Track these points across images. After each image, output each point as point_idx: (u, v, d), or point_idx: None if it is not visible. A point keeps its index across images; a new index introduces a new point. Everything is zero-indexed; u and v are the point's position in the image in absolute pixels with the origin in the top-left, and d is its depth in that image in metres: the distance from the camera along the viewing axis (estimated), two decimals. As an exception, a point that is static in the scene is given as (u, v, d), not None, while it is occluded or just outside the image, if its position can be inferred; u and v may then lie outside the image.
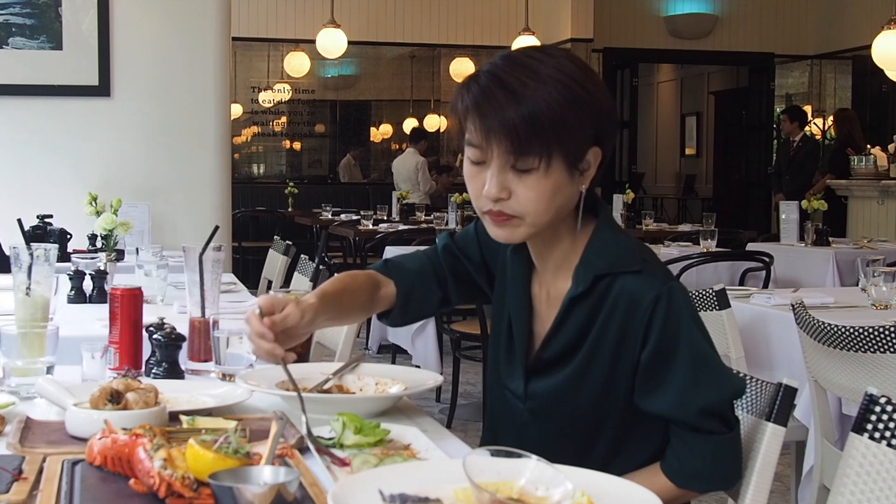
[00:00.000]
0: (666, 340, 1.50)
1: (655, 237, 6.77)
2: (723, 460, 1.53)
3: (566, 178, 1.50)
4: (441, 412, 4.94)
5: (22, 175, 4.71)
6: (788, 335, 3.03)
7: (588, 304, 1.55)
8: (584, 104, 1.48)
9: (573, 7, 10.82)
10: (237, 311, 2.52)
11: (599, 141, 1.53)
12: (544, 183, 1.48)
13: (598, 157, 1.54)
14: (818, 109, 12.32)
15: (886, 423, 1.29)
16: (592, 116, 1.50)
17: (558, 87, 1.46)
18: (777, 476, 1.81)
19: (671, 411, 1.52)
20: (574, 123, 1.47)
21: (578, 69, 1.50)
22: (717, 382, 1.51)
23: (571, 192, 1.53)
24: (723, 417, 1.52)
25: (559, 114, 1.45)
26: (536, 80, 1.47)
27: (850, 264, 5.19)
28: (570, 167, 1.50)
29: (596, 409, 1.58)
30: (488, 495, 1.07)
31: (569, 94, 1.46)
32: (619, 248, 1.56)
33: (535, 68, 1.48)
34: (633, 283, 1.52)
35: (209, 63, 4.89)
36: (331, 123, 11.96)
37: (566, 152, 1.48)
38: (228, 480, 1.12)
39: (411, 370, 1.85)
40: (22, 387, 1.71)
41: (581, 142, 1.50)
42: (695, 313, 1.54)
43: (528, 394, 1.63)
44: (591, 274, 1.54)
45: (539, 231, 1.55)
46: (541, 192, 1.49)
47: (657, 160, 15.38)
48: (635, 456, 1.59)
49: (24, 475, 1.27)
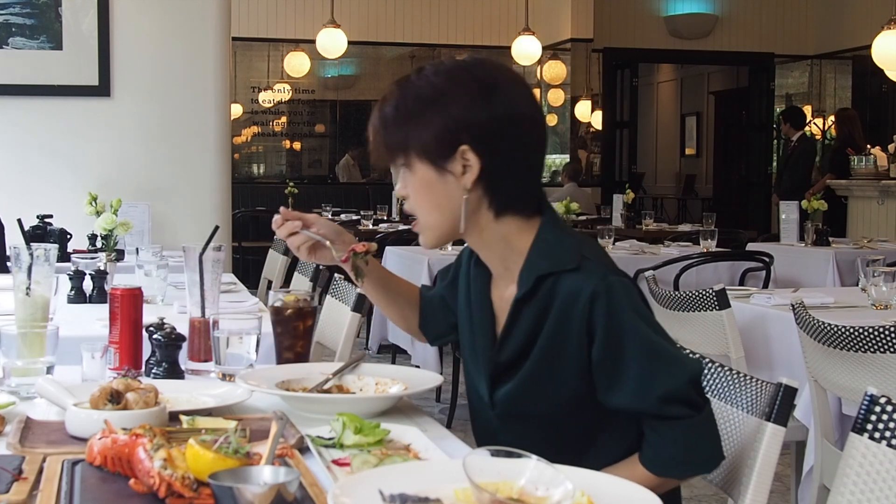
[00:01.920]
0: (612, 335, 1.52)
1: (655, 237, 6.76)
2: (696, 444, 1.54)
3: (434, 175, 1.57)
4: (441, 412, 4.94)
5: (22, 175, 4.71)
6: (788, 335, 3.03)
7: (535, 306, 1.58)
8: (431, 103, 1.56)
9: (573, 7, 10.82)
10: (237, 311, 2.52)
11: (465, 140, 1.55)
12: (413, 180, 1.59)
13: (477, 159, 1.56)
14: (818, 109, 12.32)
15: (886, 423, 1.29)
16: (443, 114, 1.55)
17: (411, 88, 1.58)
18: (777, 476, 1.81)
19: (633, 404, 1.53)
20: (421, 118, 1.55)
21: (443, 74, 1.58)
22: (671, 369, 1.52)
23: (451, 192, 1.58)
24: (686, 401, 1.52)
25: (406, 112, 1.56)
26: (398, 86, 1.59)
27: (850, 264, 5.19)
28: (434, 165, 1.56)
29: (558, 409, 1.60)
30: (488, 495, 1.07)
31: (418, 92, 1.57)
32: (561, 248, 1.58)
33: (406, 78, 1.60)
34: (571, 281, 1.54)
35: (209, 63, 4.89)
36: (331, 123, 11.95)
37: (418, 148, 1.56)
38: (228, 480, 1.12)
39: (411, 370, 1.86)
40: (22, 387, 1.72)
41: (432, 138, 1.55)
42: (639, 304, 1.55)
43: (493, 400, 1.66)
44: (534, 275, 1.57)
45: (442, 233, 1.62)
46: (415, 190, 1.60)
47: (657, 160, 15.38)
48: (610, 451, 1.60)
49: (24, 475, 1.27)
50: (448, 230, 1.61)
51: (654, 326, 1.55)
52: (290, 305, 1.91)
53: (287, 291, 1.97)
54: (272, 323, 1.94)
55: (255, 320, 1.91)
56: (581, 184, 10.27)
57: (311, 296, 1.95)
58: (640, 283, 4.83)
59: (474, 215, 1.60)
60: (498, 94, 1.56)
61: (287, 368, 1.83)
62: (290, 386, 1.72)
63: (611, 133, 11.76)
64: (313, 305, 1.94)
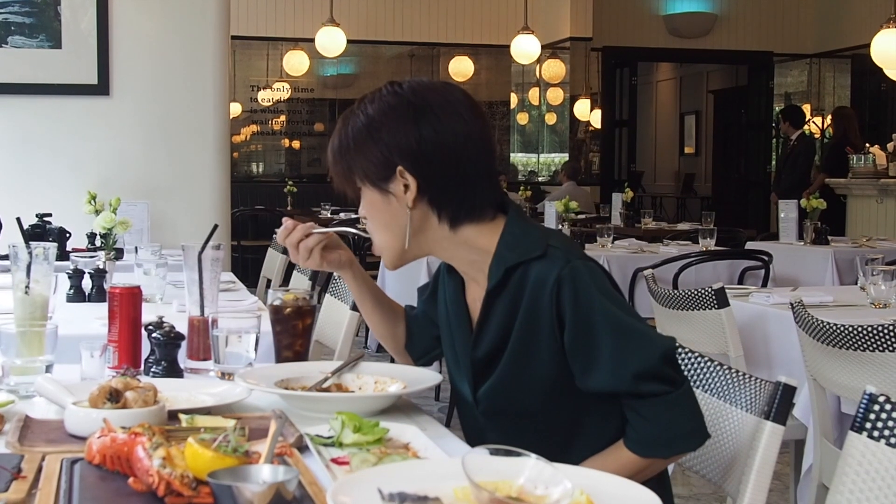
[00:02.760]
0: (580, 318, 1.54)
1: (654, 236, 6.77)
2: (677, 419, 1.55)
3: (379, 197, 1.64)
4: (440, 411, 4.94)
5: (21, 174, 4.70)
6: (787, 334, 3.03)
7: (506, 298, 1.61)
8: (366, 131, 1.63)
9: (572, 6, 10.83)
10: (236, 309, 2.52)
11: (401, 163, 1.61)
12: (364, 203, 1.68)
13: (413, 179, 1.61)
14: (817, 108, 12.32)
15: (885, 421, 1.29)
16: (373, 139, 1.62)
17: (350, 121, 1.66)
18: (776, 475, 1.81)
19: (608, 385, 1.55)
20: (359, 145, 1.63)
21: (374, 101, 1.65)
22: (643, 346, 1.54)
23: (395, 210, 1.64)
24: (661, 377, 1.53)
25: (347, 141, 1.65)
26: (342, 121, 1.69)
27: (849, 263, 5.19)
28: (378, 188, 1.63)
29: (539, 399, 1.61)
30: (487, 494, 1.07)
31: (356, 123, 1.64)
32: (527, 238, 1.62)
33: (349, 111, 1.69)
34: (537, 269, 1.58)
35: (208, 62, 4.88)
36: (330, 122, 11.95)
37: (362, 173, 1.64)
38: (227, 479, 1.12)
39: (410, 369, 1.85)
40: (21, 385, 1.71)
41: (370, 162, 1.62)
42: (604, 286, 1.58)
43: (476, 399, 1.68)
44: (503, 267, 1.60)
45: (396, 252, 1.68)
46: (366, 211, 1.69)
47: (656, 159, 15.38)
48: (598, 438, 1.61)
49: (23, 474, 1.27)
50: (400, 248, 1.67)
51: (622, 306, 1.57)
52: (289, 304, 1.91)
53: (286, 290, 1.97)
54: (271, 322, 1.94)
55: (254, 319, 1.91)
56: (580, 182, 10.28)
57: (310, 294, 1.95)
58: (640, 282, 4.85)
59: (424, 231, 1.65)
60: (426, 116, 1.62)
61: (286, 367, 1.83)
62: (289, 385, 1.72)
63: (610, 132, 11.77)
64: (312, 304, 1.94)
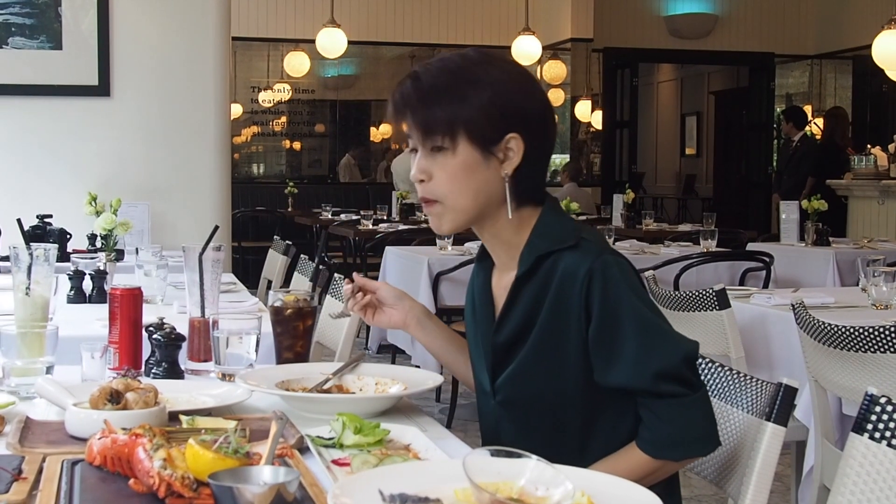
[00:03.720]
0: (608, 312, 1.54)
1: (655, 237, 6.76)
2: (692, 422, 1.54)
3: (479, 159, 1.58)
4: (441, 412, 4.94)
5: (21, 175, 4.70)
6: (788, 335, 3.03)
7: (534, 285, 1.60)
8: (489, 90, 1.56)
9: (573, 7, 10.82)
10: (237, 310, 2.52)
11: (515, 128, 1.58)
12: (453, 162, 1.57)
13: (520, 146, 1.58)
14: (818, 109, 12.31)
15: (886, 423, 1.29)
16: (500, 102, 1.57)
17: (468, 77, 1.57)
18: (777, 476, 1.81)
19: (629, 381, 1.54)
20: (476, 105, 1.56)
21: (496, 65, 1.60)
22: (666, 346, 1.54)
23: (490, 177, 1.59)
24: (681, 379, 1.53)
25: (462, 96, 1.56)
26: (441, 66, 1.59)
27: (851, 264, 5.18)
28: (482, 149, 1.57)
29: (558, 390, 1.60)
30: (488, 495, 1.07)
31: (476, 82, 1.56)
32: (560, 229, 1.62)
33: (445, 58, 1.60)
34: (569, 259, 1.57)
35: (209, 63, 4.89)
36: (331, 123, 11.95)
37: (471, 132, 1.56)
38: (228, 480, 1.12)
39: (411, 370, 1.86)
40: (22, 387, 1.72)
41: (487, 124, 1.56)
42: (635, 283, 1.57)
43: (495, 388, 1.67)
44: (534, 255, 1.60)
45: (467, 218, 1.62)
46: (452, 171, 1.58)
47: (657, 160, 15.38)
48: (612, 437, 1.61)
49: (23, 475, 1.27)
50: (474, 216, 1.63)
51: (649, 305, 1.57)
52: (289, 305, 1.91)
53: (287, 291, 1.97)
54: (272, 323, 1.94)
55: (255, 320, 1.91)
56: (581, 184, 10.27)
57: (310, 296, 1.95)
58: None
59: (499, 204, 1.62)
60: (536, 86, 1.63)
61: (287, 368, 1.83)
62: (289, 386, 1.72)
63: (611, 133, 11.76)
64: (313, 305, 1.94)
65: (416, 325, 1.82)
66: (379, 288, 1.84)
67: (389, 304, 1.82)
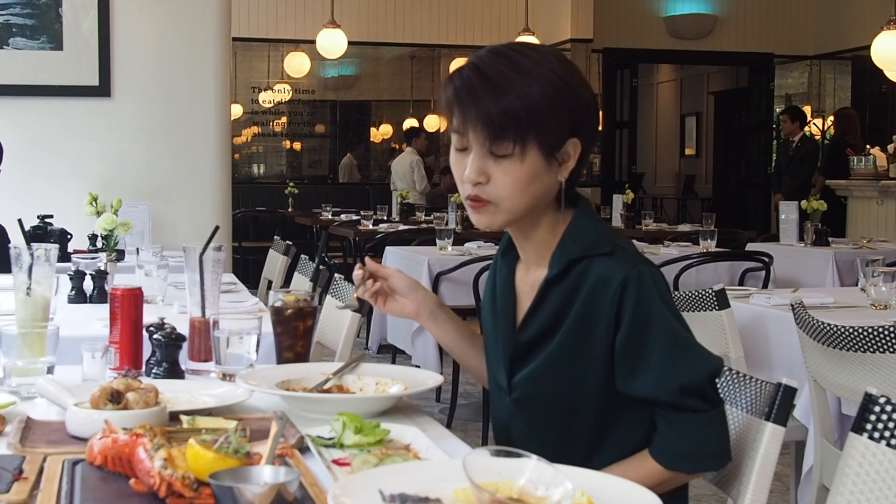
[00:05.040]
0: (638, 322, 1.53)
1: (655, 237, 6.76)
2: (708, 438, 1.54)
3: (543, 165, 1.55)
4: (441, 412, 4.94)
5: (22, 175, 4.70)
6: (788, 335, 3.03)
7: (564, 288, 1.58)
8: (560, 95, 1.53)
9: (573, 7, 10.82)
10: (237, 311, 2.53)
11: (577, 132, 1.57)
12: (520, 169, 1.54)
13: (577, 149, 1.57)
14: (818, 110, 12.32)
15: (886, 422, 1.29)
16: (569, 108, 1.54)
17: (536, 78, 1.52)
18: (777, 476, 1.81)
19: (651, 392, 1.54)
20: (549, 113, 1.52)
21: (559, 62, 1.55)
22: (693, 361, 1.53)
23: (549, 181, 1.57)
24: (703, 395, 1.53)
25: (535, 103, 1.51)
26: (515, 70, 1.52)
27: (850, 264, 5.19)
28: (548, 155, 1.55)
29: (577, 394, 1.59)
30: (488, 495, 1.07)
31: (545, 85, 1.52)
32: (594, 234, 1.60)
33: (516, 60, 1.53)
34: (603, 266, 1.56)
35: (209, 63, 4.89)
36: (331, 124, 11.96)
37: (542, 141, 1.53)
38: (229, 480, 1.12)
39: (411, 370, 1.85)
40: (22, 387, 1.72)
41: (557, 131, 1.54)
42: (666, 295, 1.56)
43: (511, 385, 1.66)
44: (566, 258, 1.58)
45: (517, 219, 1.60)
46: (516, 178, 1.54)
47: (657, 160, 15.38)
48: (624, 443, 1.60)
49: (24, 475, 1.27)
50: (522, 217, 1.60)
51: (679, 319, 1.56)
52: (290, 305, 1.91)
53: (287, 291, 1.97)
54: (272, 323, 1.94)
55: (256, 320, 1.91)
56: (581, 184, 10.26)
57: (311, 296, 1.95)
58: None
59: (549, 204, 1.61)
60: (590, 89, 1.60)
61: (287, 368, 1.83)
62: (290, 386, 1.72)
63: (610, 133, 11.76)
64: (313, 305, 1.94)
65: (428, 317, 1.80)
66: (391, 275, 1.81)
67: (402, 293, 1.80)
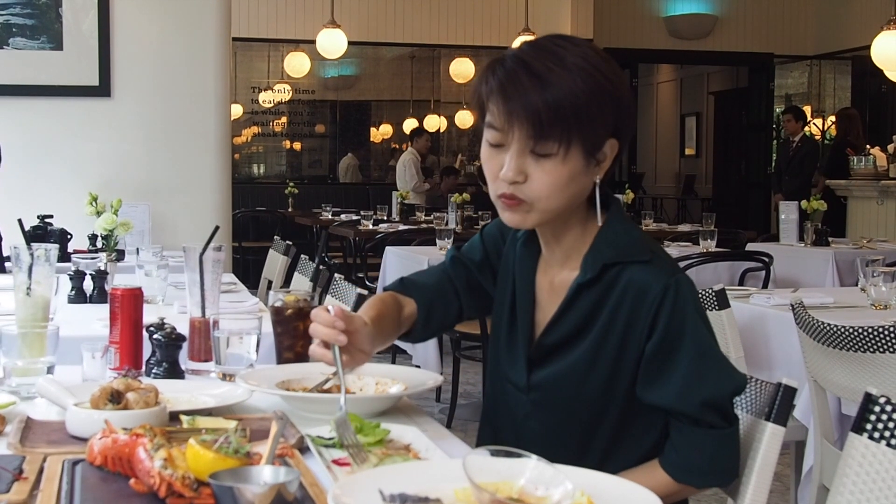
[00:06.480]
0: (672, 332, 1.51)
1: (655, 237, 6.76)
2: (721, 455, 1.54)
3: (583, 166, 1.52)
4: (441, 412, 4.94)
5: (22, 175, 4.70)
6: (788, 335, 3.03)
7: (595, 292, 1.56)
8: (606, 94, 1.50)
9: (573, 7, 10.82)
10: (237, 311, 2.53)
11: (617, 133, 1.55)
12: (561, 169, 1.50)
13: (614, 150, 1.56)
14: (818, 110, 12.33)
15: (886, 422, 1.29)
16: (613, 108, 1.52)
17: (583, 76, 1.48)
18: (777, 476, 1.81)
19: (673, 403, 1.53)
20: (596, 113, 1.49)
21: (602, 60, 1.53)
22: (719, 376, 1.52)
23: (586, 182, 1.55)
24: (723, 412, 1.53)
25: (583, 102, 1.47)
26: (562, 67, 1.49)
27: (850, 264, 5.19)
28: (588, 156, 1.52)
29: (598, 398, 1.58)
30: (488, 495, 1.07)
31: (593, 84, 1.49)
32: (629, 239, 1.58)
33: (561, 55, 1.50)
34: (641, 273, 1.54)
35: (209, 63, 4.89)
36: (331, 124, 11.96)
37: (585, 141, 1.50)
38: (229, 480, 1.12)
39: (411, 370, 1.85)
40: (22, 387, 1.72)
41: (601, 132, 1.52)
42: (700, 307, 1.56)
43: (530, 384, 1.63)
44: (600, 262, 1.56)
45: (550, 218, 1.57)
46: (556, 179, 1.51)
47: (657, 160, 15.38)
48: (634, 449, 1.60)
49: (24, 475, 1.27)
50: (555, 216, 1.57)
51: (711, 332, 1.55)
52: (290, 305, 1.91)
53: (287, 291, 1.97)
54: (272, 323, 1.94)
55: (256, 320, 1.91)
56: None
57: (311, 296, 1.95)
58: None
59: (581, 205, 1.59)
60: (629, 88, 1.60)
61: (287, 368, 1.83)
62: (290, 386, 1.72)
63: (611, 133, 11.75)
64: (313, 305, 1.94)
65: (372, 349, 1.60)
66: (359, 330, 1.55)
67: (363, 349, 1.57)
